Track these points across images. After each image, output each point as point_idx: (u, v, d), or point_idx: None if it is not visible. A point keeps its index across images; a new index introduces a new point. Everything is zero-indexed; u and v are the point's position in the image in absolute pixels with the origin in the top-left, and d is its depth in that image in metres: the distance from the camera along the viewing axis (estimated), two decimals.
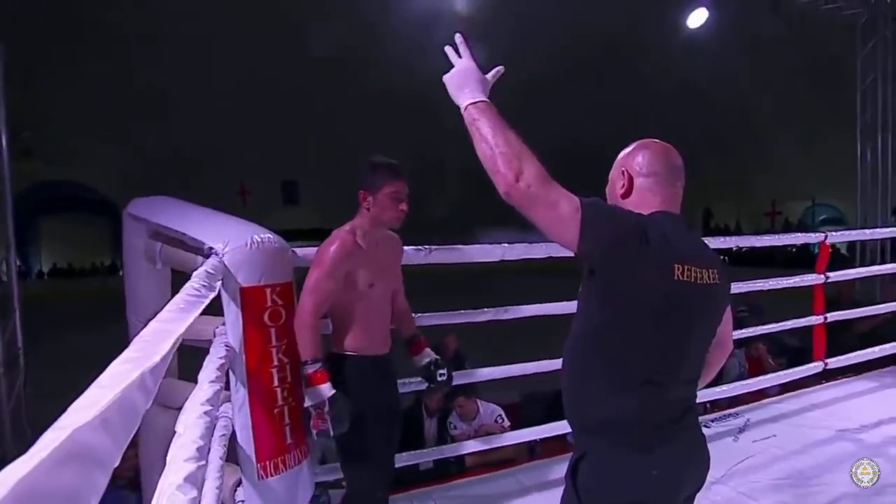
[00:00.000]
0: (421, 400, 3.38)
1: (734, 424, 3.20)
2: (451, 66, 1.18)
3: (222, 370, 1.55)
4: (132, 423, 0.57)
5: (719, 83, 18.34)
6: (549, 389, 3.65)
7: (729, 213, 21.36)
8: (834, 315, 3.67)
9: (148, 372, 0.65)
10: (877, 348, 3.73)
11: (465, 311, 2.58)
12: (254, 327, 1.77)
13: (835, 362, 3.60)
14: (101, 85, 16.44)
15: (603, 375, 1.16)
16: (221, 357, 1.61)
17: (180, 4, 15.64)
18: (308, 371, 1.76)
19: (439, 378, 2.09)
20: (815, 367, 3.57)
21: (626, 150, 1.27)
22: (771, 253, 15.85)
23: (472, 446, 2.76)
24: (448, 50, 1.19)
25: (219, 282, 1.58)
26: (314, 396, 1.75)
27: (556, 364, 2.51)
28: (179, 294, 1.18)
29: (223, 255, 1.73)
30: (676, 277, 1.10)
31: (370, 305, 1.88)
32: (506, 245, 2.52)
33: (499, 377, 2.74)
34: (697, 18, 6.92)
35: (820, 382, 3.80)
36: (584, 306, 1.21)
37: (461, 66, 1.17)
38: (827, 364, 3.57)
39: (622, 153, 1.27)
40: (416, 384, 2.30)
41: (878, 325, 4.31)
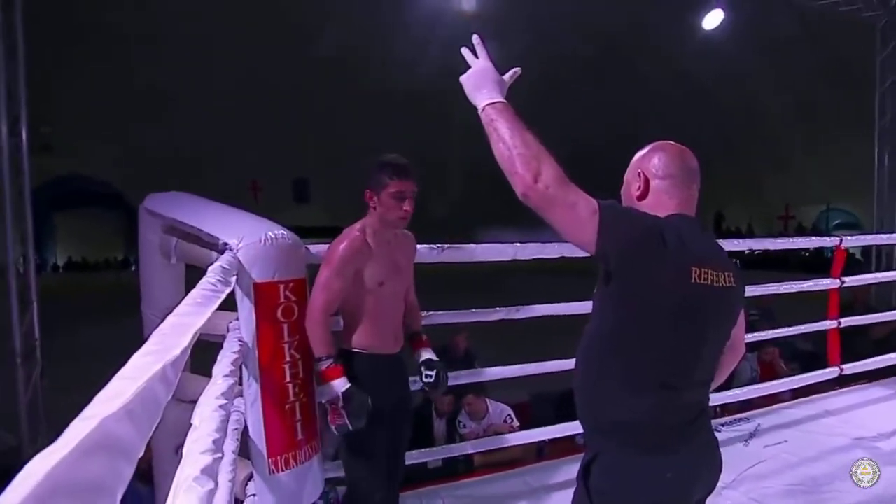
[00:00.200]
0: (431, 399, 3.37)
1: (745, 429, 3.17)
2: (468, 66, 1.17)
3: (236, 365, 1.56)
4: (155, 415, 0.58)
5: (734, 85, 18.16)
6: (559, 389, 3.65)
7: (741, 217, 21.16)
8: (849, 320, 3.63)
9: (169, 365, 0.66)
10: (893, 355, 3.68)
11: (477, 310, 2.57)
12: (267, 323, 1.78)
13: (850, 368, 3.56)
14: (111, 83, 16.60)
15: (618, 376, 1.16)
16: (235, 352, 1.62)
17: (185, 4, 15.72)
18: (322, 367, 1.76)
19: (425, 379, 2.03)
20: (830, 372, 3.53)
21: (642, 151, 1.26)
22: (784, 257, 15.69)
23: (480, 446, 2.76)
24: (465, 51, 1.19)
25: (234, 277, 1.59)
26: (329, 392, 1.75)
27: (566, 364, 2.53)
28: (196, 289, 1.19)
29: (237, 250, 1.74)
30: (693, 280, 1.10)
31: (381, 303, 1.88)
32: (518, 244, 2.51)
33: (508, 377, 2.73)
34: (713, 20, 6.84)
35: (833, 389, 3.75)
36: (599, 307, 1.20)
37: (478, 66, 1.16)
38: (843, 370, 3.53)
39: (638, 155, 1.27)
40: (420, 383, 2.26)
41: (894, 331, 4.26)
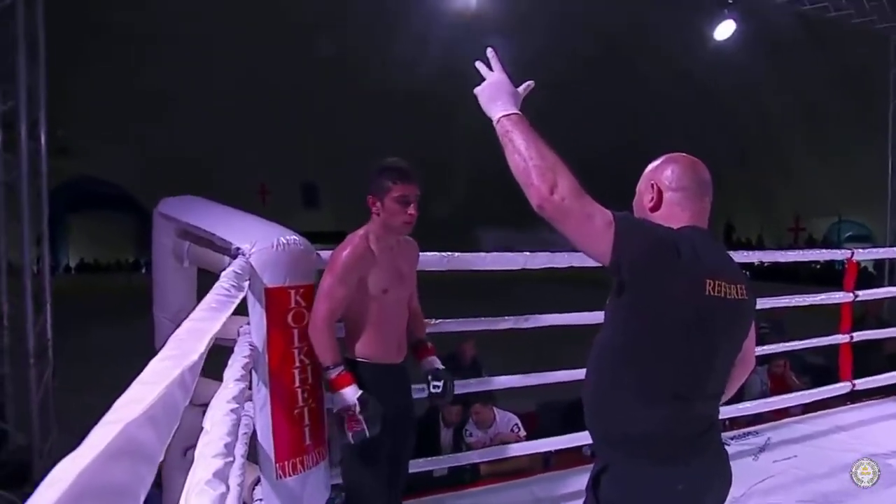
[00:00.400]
0: (438, 408, 3.36)
1: (755, 443, 3.14)
2: (482, 79, 1.18)
3: (247, 369, 1.57)
4: (174, 420, 0.59)
5: (744, 95, 18.08)
6: (567, 399, 3.63)
7: (751, 228, 21.00)
8: (861, 334, 3.59)
9: (187, 370, 0.67)
10: None
11: (485, 319, 2.57)
12: (277, 328, 1.79)
13: (863, 383, 3.51)
14: (122, 85, 16.71)
15: (631, 387, 1.16)
16: (246, 356, 1.63)
17: (193, 5, 15.78)
18: (331, 376, 1.74)
19: (433, 389, 2.01)
20: (842, 387, 3.48)
21: (655, 163, 1.27)
22: (794, 269, 15.55)
23: (486, 455, 2.75)
24: (479, 65, 1.20)
25: (246, 282, 1.61)
26: (343, 400, 1.72)
27: (574, 374, 2.52)
28: (210, 294, 1.21)
29: (250, 255, 1.76)
30: (707, 293, 1.11)
31: (384, 311, 1.85)
32: (527, 253, 2.52)
33: (516, 385, 2.73)
34: (725, 31, 6.81)
35: (845, 404, 3.70)
36: (611, 318, 1.21)
37: (493, 78, 1.17)
38: (855, 385, 3.48)
39: (650, 166, 1.27)
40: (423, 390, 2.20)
41: None
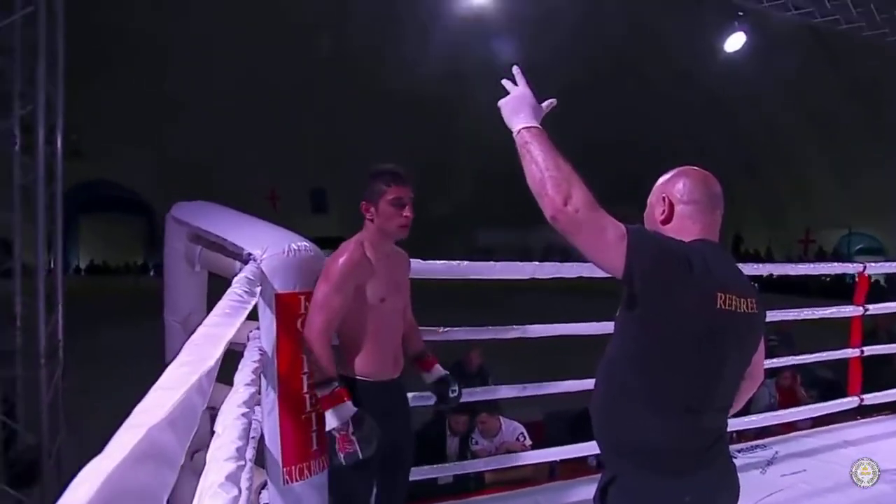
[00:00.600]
0: (445, 417, 3.36)
1: (762, 456, 3.11)
2: (506, 93, 1.22)
3: (256, 374, 1.59)
4: (193, 424, 0.60)
5: (754, 105, 17.98)
6: (574, 409, 3.62)
7: (760, 240, 20.83)
8: (872, 349, 3.56)
9: (205, 375, 0.69)
10: None
11: (493, 328, 2.58)
12: (287, 333, 1.79)
13: (872, 398, 3.48)
14: (133, 90, 16.83)
15: (641, 399, 1.17)
16: (256, 361, 1.65)
17: (204, 11, 15.89)
18: (325, 392, 1.65)
19: (451, 394, 1.98)
20: (850, 401, 3.45)
21: (666, 176, 1.28)
22: (804, 281, 15.42)
23: (492, 463, 2.75)
24: (506, 82, 1.23)
25: (258, 287, 1.63)
26: (336, 418, 1.63)
27: (582, 384, 2.52)
28: (224, 300, 1.22)
29: (261, 261, 1.77)
30: (719, 306, 1.11)
31: (382, 322, 1.78)
32: (536, 263, 2.53)
33: (523, 395, 2.72)
34: (735, 42, 6.83)
35: (854, 418, 3.67)
36: (621, 329, 1.21)
37: (517, 92, 1.20)
38: (863, 400, 3.45)
39: (662, 179, 1.28)
40: (428, 397, 2.19)
41: None
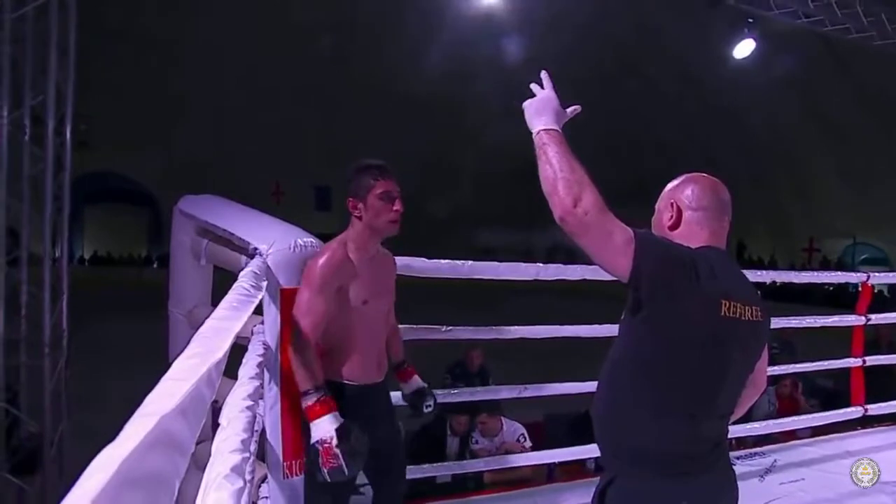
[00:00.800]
0: (445, 417, 3.37)
1: (761, 464, 3.11)
2: (532, 95, 1.23)
3: (261, 368, 1.60)
4: (202, 414, 0.61)
5: (760, 113, 17.93)
6: (574, 410, 3.62)
7: (764, 248, 20.77)
8: (874, 359, 3.55)
9: (213, 367, 0.70)
10: None
11: (496, 328, 2.59)
12: (291, 328, 1.82)
13: (876, 409, 3.46)
14: (139, 84, 16.90)
15: (644, 404, 1.17)
16: (260, 355, 1.66)
17: (205, 8, 15.92)
18: (309, 402, 1.58)
19: (425, 409, 2.00)
20: (854, 411, 3.43)
21: (675, 182, 1.29)
22: (807, 289, 15.39)
23: (490, 463, 2.76)
24: (534, 86, 1.25)
25: (264, 282, 1.64)
26: (320, 431, 1.56)
27: (583, 387, 2.52)
28: (231, 293, 1.23)
29: (267, 256, 1.79)
30: (723, 314, 1.12)
31: (365, 324, 1.75)
32: (540, 265, 2.54)
33: (524, 396, 2.73)
34: (744, 49, 6.81)
35: (855, 428, 3.66)
36: (627, 333, 1.22)
37: (543, 95, 1.22)
38: (867, 410, 3.44)
39: (670, 185, 1.29)
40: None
41: None
